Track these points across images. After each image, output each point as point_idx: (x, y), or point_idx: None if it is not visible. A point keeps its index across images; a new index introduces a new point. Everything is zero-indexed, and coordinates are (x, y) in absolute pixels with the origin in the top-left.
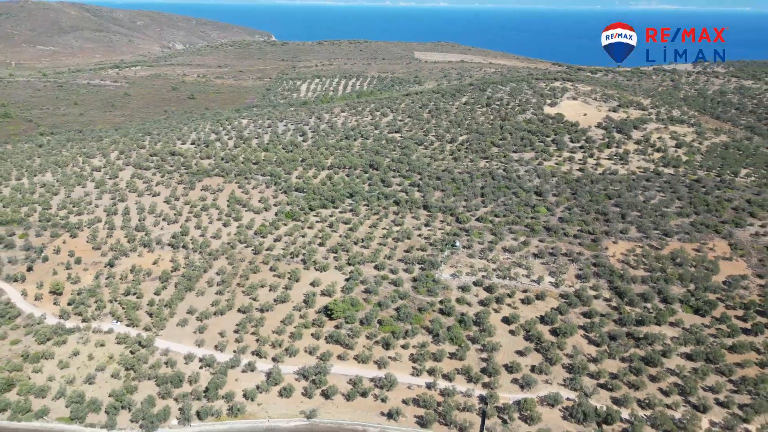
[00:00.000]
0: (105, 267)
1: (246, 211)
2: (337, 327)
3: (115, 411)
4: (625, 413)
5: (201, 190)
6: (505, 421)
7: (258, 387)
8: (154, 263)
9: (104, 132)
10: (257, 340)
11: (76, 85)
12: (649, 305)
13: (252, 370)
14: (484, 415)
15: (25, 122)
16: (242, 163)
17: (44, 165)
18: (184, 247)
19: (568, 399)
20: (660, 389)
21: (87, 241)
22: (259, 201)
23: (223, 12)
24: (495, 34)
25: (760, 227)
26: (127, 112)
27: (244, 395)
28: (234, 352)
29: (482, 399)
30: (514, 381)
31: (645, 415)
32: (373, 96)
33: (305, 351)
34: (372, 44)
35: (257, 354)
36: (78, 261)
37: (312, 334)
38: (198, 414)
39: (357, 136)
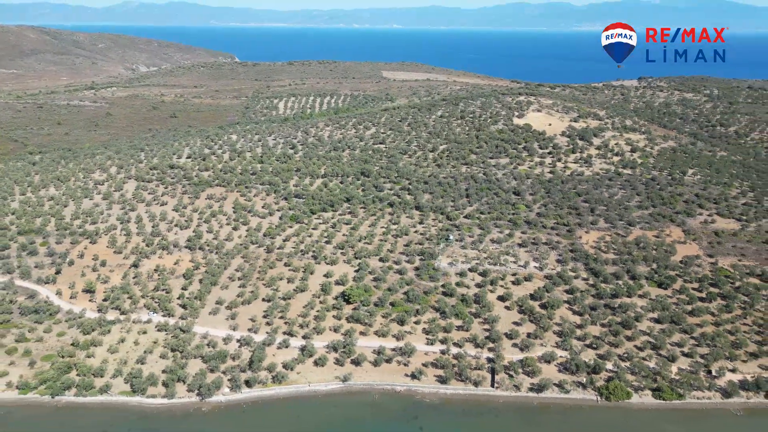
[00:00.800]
0: (130, 268)
1: (252, 216)
2: (355, 309)
3: (172, 383)
4: (609, 365)
5: (206, 198)
6: (511, 375)
7: (295, 359)
8: (176, 263)
9: (95, 149)
10: (286, 323)
11: (56, 106)
12: (620, 282)
13: (287, 347)
14: (493, 371)
15: (11, 142)
16: (240, 174)
17: (45, 181)
18: (200, 248)
19: (561, 356)
20: (635, 346)
21: (107, 246)
22: (263, 207)
23: (181, 34)
24: (453, 54)
25: (708, 216)
26: (111, 131)
27: (284, 366)
28: (267, 333)
29: (490, 360)
30: (515, 345)
31: (625, 365)
32: (350, 112)
33: (330, 329)
34: (341, 64)
35: (288, 333)
36: (103, 263)
37: (334, 316)
38: (246, 383)
39: (344, 147)
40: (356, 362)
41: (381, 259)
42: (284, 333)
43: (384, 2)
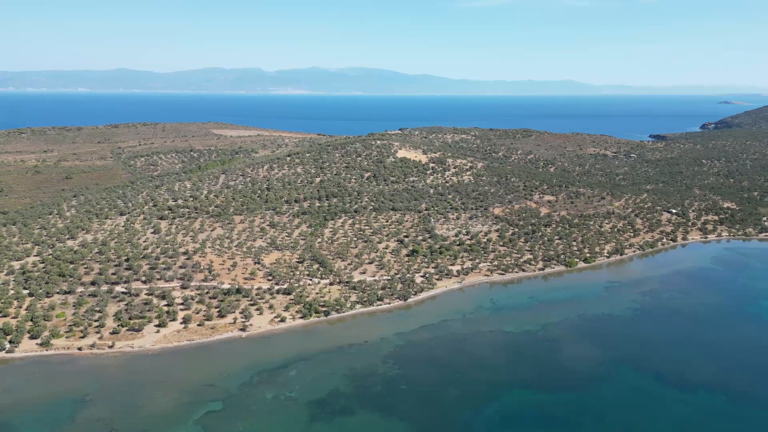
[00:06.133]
0: (256, 264)
1: (287, 227)
2: (423, 257)
3: (386, 296)
4: (560, 254)
5: (239, 222)
6: (527, 266)
7: (425, 280)
8: (282, 257)
9: (47, 209)
10: (397, 270)
11: None
12: (528, 227)
13: (413, 276)
14: (518, 266)
15: None
16: (242, 205)
17: (63, 232)
18: (284, 248)
19: (538, 255)
20: (553, 247)
21: (218, 256)
22: (287, 221)
23: None
24: (184, 115)
25: (539, 195)
26: (25, 195)
27: (425, 282)
28: (396, 272)
29: (513, 264)
30: (513, 256)
31: (566, 253)
32: (236, 162)
33: (423, 266)
34: (167, 125)
35: (407, 270)
36: (234, 265)
37: (417, 261)
38: (419, 290)
39: (294, 181)
40: (456, 275)
41: (405, 236)
42: (401, 272)
43: (61, 65)
